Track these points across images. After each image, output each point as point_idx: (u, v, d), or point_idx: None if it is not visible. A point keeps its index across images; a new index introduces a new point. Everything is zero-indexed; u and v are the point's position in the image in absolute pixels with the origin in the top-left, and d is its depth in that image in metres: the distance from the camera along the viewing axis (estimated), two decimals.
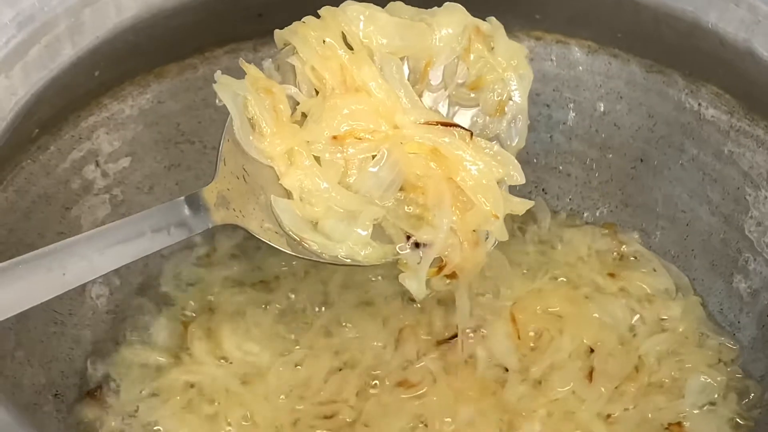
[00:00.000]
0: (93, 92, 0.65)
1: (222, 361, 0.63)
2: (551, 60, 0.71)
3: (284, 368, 0.63)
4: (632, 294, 0.67)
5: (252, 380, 0.62)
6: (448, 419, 0.60)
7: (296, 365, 0.63)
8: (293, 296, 0.66)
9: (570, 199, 0.73)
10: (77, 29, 0.60)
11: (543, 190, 0.73)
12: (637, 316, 0.66)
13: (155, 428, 0.61)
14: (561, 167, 0.73)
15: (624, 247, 0.70)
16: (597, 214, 0.72)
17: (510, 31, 0.71)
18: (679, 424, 0.61)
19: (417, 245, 0.53)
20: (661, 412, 0.61)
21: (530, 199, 0.71)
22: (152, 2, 0.63)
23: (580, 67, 0.71)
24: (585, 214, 0.73)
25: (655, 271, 0.69)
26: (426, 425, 0.60)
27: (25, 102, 0.58)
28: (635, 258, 0.70)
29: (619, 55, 0.69)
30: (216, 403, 0.61)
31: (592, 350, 0.64)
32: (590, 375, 0.62)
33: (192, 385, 0.62)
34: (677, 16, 0.64)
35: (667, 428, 0.61)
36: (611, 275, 0.68)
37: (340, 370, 0.63)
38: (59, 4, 0.60)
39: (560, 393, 0.61)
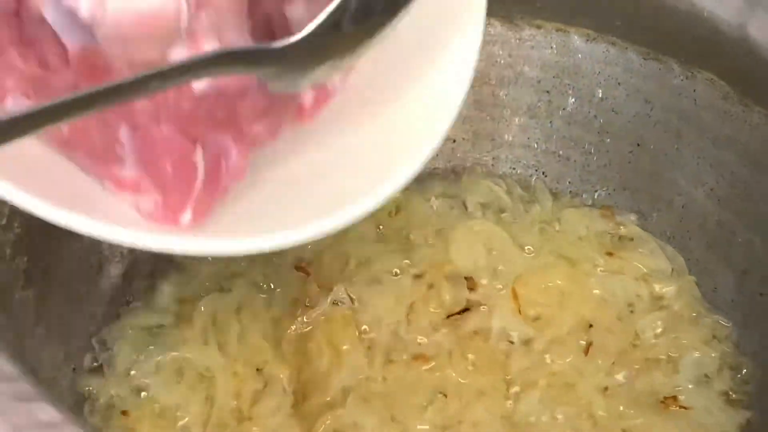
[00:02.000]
0: None
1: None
2: (551, 48, 0.72)
3: None
4: (630, 273, 0.68)
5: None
6: (463, 390, 0.61)
7: None
8: None
9: (569, 182, 0.74)
10: None
11: (543, 173, 0.74)
12: (635, 294, 0.67)
13: (143, 393, 0.61)
14: (561, 151, 0.74)
15: (621, 228, 0.71)
16: (595, 196, 0.73)
17: (511, 20, 0.73)
18: (674, 397, 0.62)
19: None
20: (657, 386, 0.62)
21: (531, 182, 0.73)
22: None
23: (580, 55, 0.72)
24: (584, 196, 0.73)
25: (651, 252, 0.69)
26: (446, 395, 0.61)
27: None
28: (632, 239, 0.70)
29: (617, 43, 0.70)
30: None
31: (591, 326, 0.64)
32: (587, 349, 0.63)
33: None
34: (673, 5, 0.65)
35: (662, 401, 0.62)
36: (609, 254, 0.68)
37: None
38: None
39: (560, 366, 0.62)
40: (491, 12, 0.72)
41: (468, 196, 0.72)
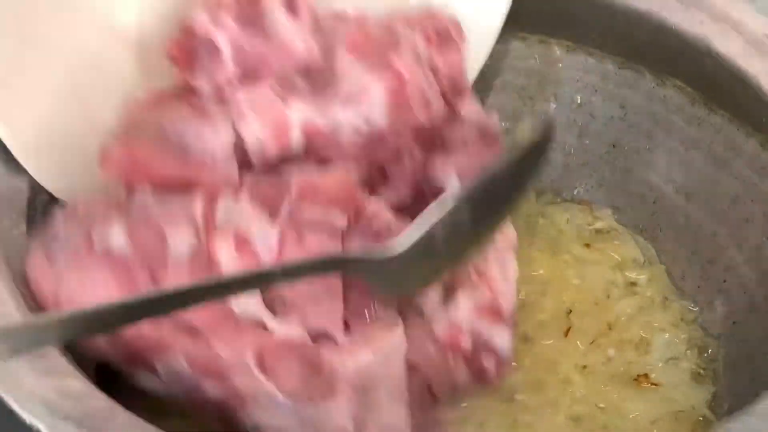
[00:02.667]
0: None
1: None
2: (534, 58, 0.76)
3: None
4: (605, 262, 0.72)
5: None
6: None
7: None
8: None
9: (552, 180, 0.77)
10: None
11: None
12: (610, 281, 0.71)
13: None
14: None
15: (598, 222, 0.75)
16: (575, 193, 0.77)
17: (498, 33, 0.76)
18: (646, 375, 0.66)
19: None
20: (631, 365, 0.66)
21: None
22: None
23: (560, 64, 0.76)
24: (564, 193, 0.77)
25: (625, 243, 0.74)
26: None
27: None
28: (608, 232, 0.74)
29: (594, 53, 0.74)
30: None
31: (570, 311, 0.69)
32: (567, 332, 0.67)
33: None
34: (645, 18, 0.69)
35: (635, 379, 0.66)
36: (587, 246, 0.73)
37: None
38: None
39: (543, 347, 0.66)
40: None
41: None
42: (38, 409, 0.44)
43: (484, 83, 0.76)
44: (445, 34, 0.57)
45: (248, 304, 0.49)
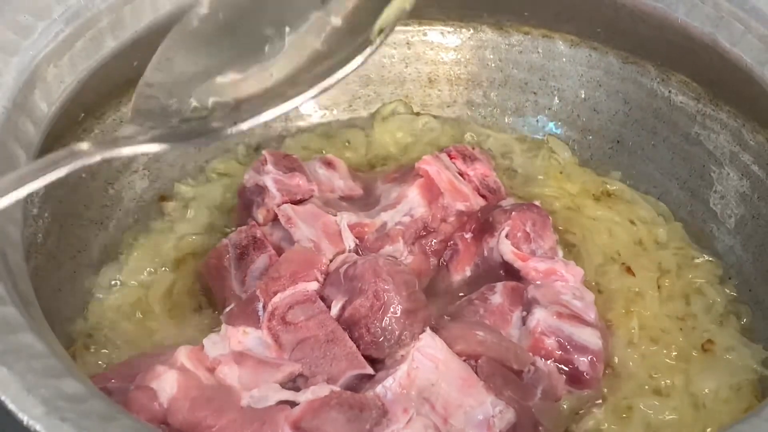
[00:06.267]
0: (132, 80, 0.66)
1: None
2: (538, 52, 0.75)
3: None
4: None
5: None
6: None
7: None
8: None
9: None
10: (118, 24, 0.63)
11: None
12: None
13: None
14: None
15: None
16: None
17: (501, 27, 0.75)
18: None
19: None
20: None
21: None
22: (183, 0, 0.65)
23: (564, 59, 0.74)
24: None
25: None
26: None
27: (72, 89, 0.61)
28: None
29: (598, 48, 0.73)
30: None
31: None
32: (629, 269, 0.66)
33: None
34: (650, 13, 0.67)
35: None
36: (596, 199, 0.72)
37: None
38: (102, 1, 0.62)
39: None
40: (483, 19, 0.76)
41: None
42: (36, 410, 0.43)
43: (487, 77, 0.76)
44: (470, 155, 0.69)
45: (266, 390, 0.53)
